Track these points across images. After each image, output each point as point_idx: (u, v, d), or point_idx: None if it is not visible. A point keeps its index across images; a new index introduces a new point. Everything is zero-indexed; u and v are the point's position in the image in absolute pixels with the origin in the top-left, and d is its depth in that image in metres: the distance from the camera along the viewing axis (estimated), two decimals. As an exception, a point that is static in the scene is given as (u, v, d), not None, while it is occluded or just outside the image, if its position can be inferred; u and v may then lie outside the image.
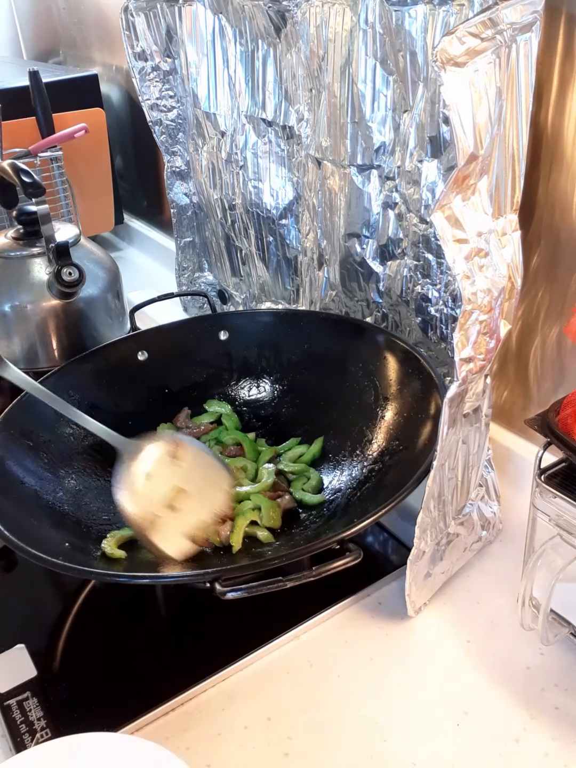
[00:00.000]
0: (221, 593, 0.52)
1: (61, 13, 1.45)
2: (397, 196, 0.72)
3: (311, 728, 0.55)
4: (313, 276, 0.89)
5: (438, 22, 0.61)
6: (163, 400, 0.84)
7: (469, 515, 0.65)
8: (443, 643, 0.61)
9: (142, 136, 1.28)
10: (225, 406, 0.84)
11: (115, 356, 0.83)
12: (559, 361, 0.70)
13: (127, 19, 0.93)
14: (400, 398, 0.74)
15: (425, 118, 0.66)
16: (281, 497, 0.71)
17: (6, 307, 0.87)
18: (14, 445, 0.70)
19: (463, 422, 0.58)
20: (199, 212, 1.06)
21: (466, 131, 0.49)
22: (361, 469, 0.73)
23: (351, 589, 0.65)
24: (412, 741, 0.53)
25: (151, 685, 0.59)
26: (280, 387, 0.86)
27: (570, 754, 0.52)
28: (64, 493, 0.70)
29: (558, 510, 0.52)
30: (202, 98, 0.92)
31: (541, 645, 0.58)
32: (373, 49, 0.68)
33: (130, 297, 1.08)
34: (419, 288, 0.74)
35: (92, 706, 0.58)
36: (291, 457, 0.77)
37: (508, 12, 0.50)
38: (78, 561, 0.59)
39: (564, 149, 0.62)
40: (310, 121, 0.79)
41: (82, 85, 1.28)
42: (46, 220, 0.85)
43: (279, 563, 0.55)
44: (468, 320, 0.53)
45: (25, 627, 0.65)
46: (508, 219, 0.57)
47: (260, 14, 0.78)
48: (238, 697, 0.58)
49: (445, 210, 0.51)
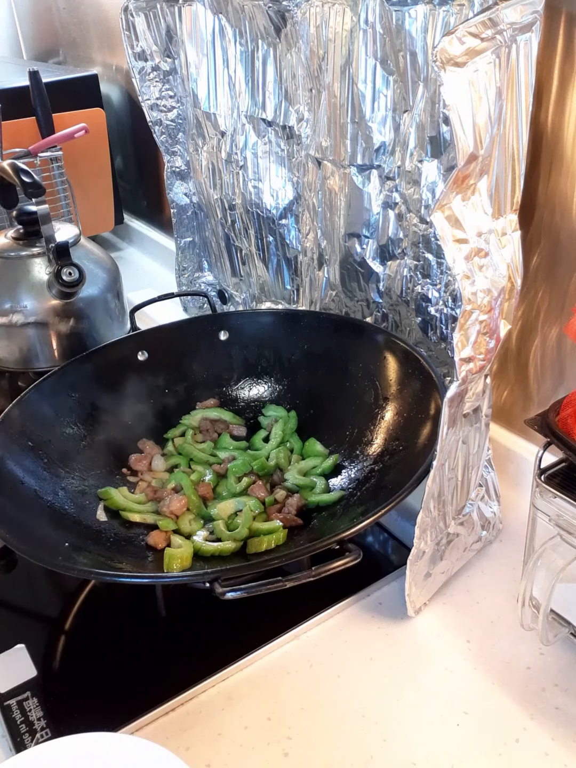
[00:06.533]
0: (221, 593, 0.52)
1: (61, 13, 1.45)
2: (397, 196, 0.72)
3: (311, 728, 0.55)
4: (313, 276, 0.89)
5: (438, 22, 0.61)
6: (163, 400, 0.84)
7: (469, 515, 0.65)
8: (443, 643, 0.61)
9: (142, 136, 1.28)
10: (279, 410, 0.84)
11: (115, 356, 0.83)
12: (559, 361, 0.70)
13: (127, 19, 0.93)
14: (400, 398, 0.74)
15: (425, 118, 0.66)
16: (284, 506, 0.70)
17: (6, 307, 0.87)
18: (14, 445, 0.70)
19: (463, 422, 0.58)
20: (199, 212, 1.06)
21: (466, 131, 0.49)
22: (361, 469, 0.73)
23: (351, 589, 0.65)
24: (412, 741, 0.53)
25: (151, 685, 0.59)
26: (280, 387, 0.86)
27: (570, 753, 0.52)
28: (64, 493, 0.70)
29: (558, 510, 0.52)
30: (202, 98, 0.92)
31: (541, 645, 0.58)
32: (373, 49, 0.68)
33: (130, 297, 1.08)
34: (419, 288, 0.74)
35: (92, 706, 0.58)
36: (302, 468, 0.76)
37: (508, 12, 0.50)
38: (78, 561, 0.59)
39: (564, 149, 0.62)
40: (310, 121, 0.79)
41: (82, 85, 1.28)
42: (46, 220, 0.85)
43: (278, 563, 0.55)
44: (468, 320, 0.53)
45: (25, 627, 0.65)
46: (508, 219, 0.57)
47: (260, 14, 0.78)
48: (238, 697, 0.58)
49: (445, 210, 0.51)
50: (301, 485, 0.73)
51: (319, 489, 0.72)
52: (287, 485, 0.73)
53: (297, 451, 0.78)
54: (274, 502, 0.71)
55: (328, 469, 0.75)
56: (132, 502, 0.72)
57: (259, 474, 0.75)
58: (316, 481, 0.73)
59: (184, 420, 0.83)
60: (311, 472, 0.75)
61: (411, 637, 0.61)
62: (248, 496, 0.72)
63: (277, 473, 0.75)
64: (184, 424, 0.83)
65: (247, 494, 0.72)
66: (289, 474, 0.74)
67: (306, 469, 0.75)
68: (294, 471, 0.75)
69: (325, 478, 0.74)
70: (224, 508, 0.71)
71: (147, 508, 0.72)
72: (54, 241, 0.86)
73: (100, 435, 0.78)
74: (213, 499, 0.73)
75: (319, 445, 0.78)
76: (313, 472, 0.75)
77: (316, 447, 0.78)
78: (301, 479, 0.73)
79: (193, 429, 0.82)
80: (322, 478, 0.73)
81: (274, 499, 0.72)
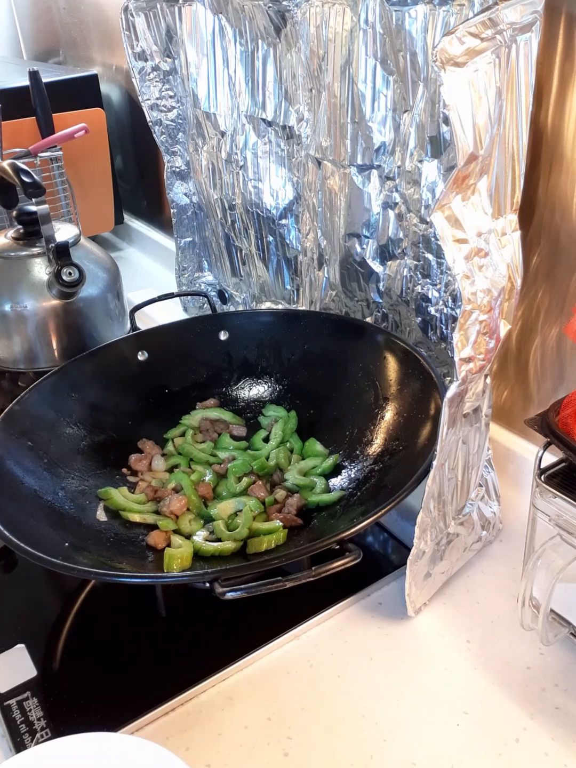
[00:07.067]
0: (221, 593, 0.52)
1: (61, 13, 1.45)
2: (397, 196, 0.72)
3: (311, 728, 0.55)
4: (313, 276, 0.89)
5: (438, 22, 0.61)
6: (163, 400, 0.84)
7: (469, 515, 0.65)
8: (443, 643, 0.61)
9: (142, 136, 1.28)
10: (280, 410, 0.84)
11: (115, 356, 0.83)
12: (559, 361, 0.70)
13: (127, 19, 0.93)
14: (400, 398, 0.74)
15: (425, 118, 0.66)
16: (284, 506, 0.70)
17: (6, 307, 0.87)
18: (14, 445, 0.70)
19: (463, 422, 0.58)
20: (199, 212, 1.06)
21: (466, 131, 0.49)
22: (361, 469, 0.73)
23: (351, 589, 0.65)
24: (412, 741, 0.53)
25: (151, 685, 0.59)
26: (280, 387, 0.86)
27: (570, 753, 0.52)
28: (64, 493, 0.70)
29: (558, 510, 0.52)
30: (202, 98, 0.92)
31: (541, 645, 0.58)
32: (373, 49, 0.68)
33: (130, 297, 1.08)
34: (419, 288, 0.74)
35: (92, 706, 0.58)
36: (302, 468, 0.75)
37: (508, 12, 0.50)
38: (78, 561, 0.59)
39: (564, 149, 0.62)
40: (310, 121, 0.79)
41: (82, 85, 1.28)
42: (46, 220, 0.85)
43: (278, 563, 0.55)
44: (468, 320, 0.53)
45: (25, 627, 0.65)
46: (508, 219, 0.57)
47: (260, 14, 0.78)
48: (238, 697, 0.58)
49: (445, 210, 0.51)
50: (301, 485, 0.73)
51: (319, 489, 0.72)
52: (287, 485, 0.73)
53: (297, 451, 0.78)
54: (274, 502, 0.71)
55: (328, 469, 0.75)
56: (132, 502, 0.72)
57: (259, 474, 0.75)
58: (316, 481, 0.73)
59: (184, 420, 0.83)
60: (311, 472, 0.75)
61: (411, 637, 0.61)
62: (248, 496, 0.72)
63: (277, 473, 0.75)
64: (184, 424, 0.83)
65: (247, 494, 0.72)
66: (289, 474, 0.74)
67: (306, 469, 0.75)
68: (294, 471, 0.75)
69: (325, 478, 0.74)
70: (224, 508, 0.71)
71: (147, 508, 0.72)
72: (54, 241, 0.86)
73: (100, 435, 0.78)
74: (213, 499, 0.73)
75: (319, 445, 0.78)
76: (313, 472, 0.75)
77: (316, 447, 0.78)
78: (301, 479, 0.73)
79: (193, 429, 0.82)
80: (322, 478, 0.73)
81: (274, 499, 0.72)
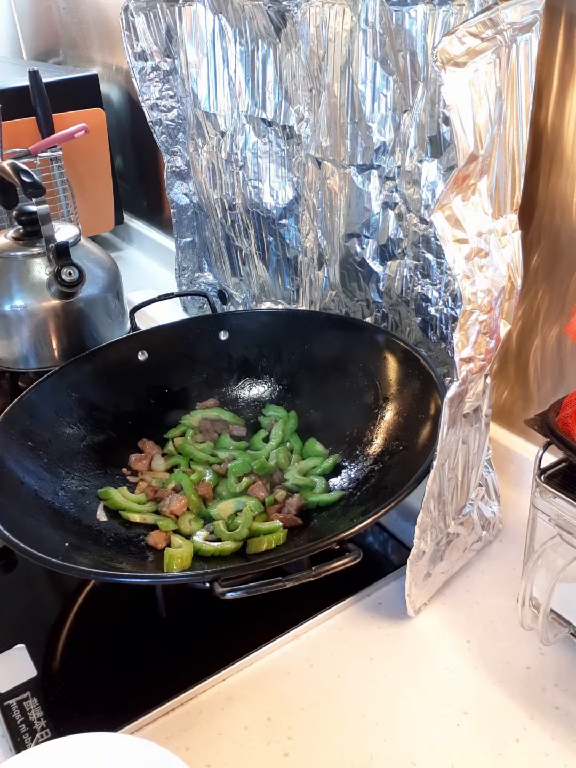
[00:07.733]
0: (221, 593, 0.52)
1: (61, 13, 1.45)
2: (397, 196, 0.72)
3: (311, 728, 0.55)
4: (313, 276, 0.89)
5: (438, 22, 0.61)
6: (163, 400, 0.84)
7: (469, 515, 0.65)
8: (443, 643, 0.61)
9: (142, 136, 1.28)
10: (279, 410, 0.84)
11: (115, 356, 0.83)
12: (559, 361, 0.70)
13: (127, 19, 0.93)
14: (400, 398, 0.74)
15: (425, 118, 0.66)
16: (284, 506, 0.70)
17: (6, 307, 0.87)
18: (14, 445, 0.70)
19: (463, 422, 0.58)
20: (199, 212, 1.06)
21: (466, 131, 0.49)
22: (361, 469, 0.73)
23: (351, 589, 0.65)
24: (412, 741, 0.53)
25: (151, 685, 0.59)
26: (280, 387, 0.86)
27: (570, 754, 0.52)
28: (64, 493, 0.70)
29: (558, 510, 0.52)
30: (202, 98, 0.92)
31: (541, 645, 0.58)
32: (373, 49, 0.68)
33: (130, 297, 1.08)
34: (419, 288, 0.74)
35: (92, 706, 0.58)
36: (302, 468, 0.75)
37: (508, 12, 0.50)
38: (78, 561, 0.59)
39: (564, 149, 0.62)
40: (310, 121, 0.79)
41: (82, 85, 1.28)
42: (46, 220, 0.85)
43: (278, 563, 0.55)
44: (468, 320, 0.53)
45: (25, 627, 0.65)
46: (508, 219, 0.57)
47: (260, 14, 0.78)
48: (238, 697, 0.58)
49: (445, 210, 0.51)
50: (301, 485, 0.73)
51: (319, 489, 0.72)
52: (287, 485, 0.73)
53: (297, 451, 0.78)
54: (274, 502, 0.71)
55: (328, 469, 0.75)
56: (132, 502, 0.72)
57: (259, 474, 0.75)
58: (316, 481, 0.73)
59: (184, 420, 0.83)
60: (311, 472, 0.75)
61: (411, 637, 0.61)
62: (248, 496, 0.72)
63: (277, 473, 0.75)
64: (184, 424, 0.83)
65: (247, 494, 0.72)
66: (289, 474, 0.74)
67: (306, 469, 0.75)
68: (294, 471, 0.75)
69: (325, 478, 0.74)
70: (224, 508, 0.71)
71: (147, 508, 0.72)
72: (54, 241, 0.86)
73: (100, 435, 0.78)
74: (213, 499, 0.73)
75: (319, 445, 0.78)
76: (313, 472, 0.75)
77: (316, 447, 0.78)
78: (301, 479, 0.73)
79: (193, 429, 0.82)
80: (322, 478, 0.73)
81: (274, 499, 0.72)
